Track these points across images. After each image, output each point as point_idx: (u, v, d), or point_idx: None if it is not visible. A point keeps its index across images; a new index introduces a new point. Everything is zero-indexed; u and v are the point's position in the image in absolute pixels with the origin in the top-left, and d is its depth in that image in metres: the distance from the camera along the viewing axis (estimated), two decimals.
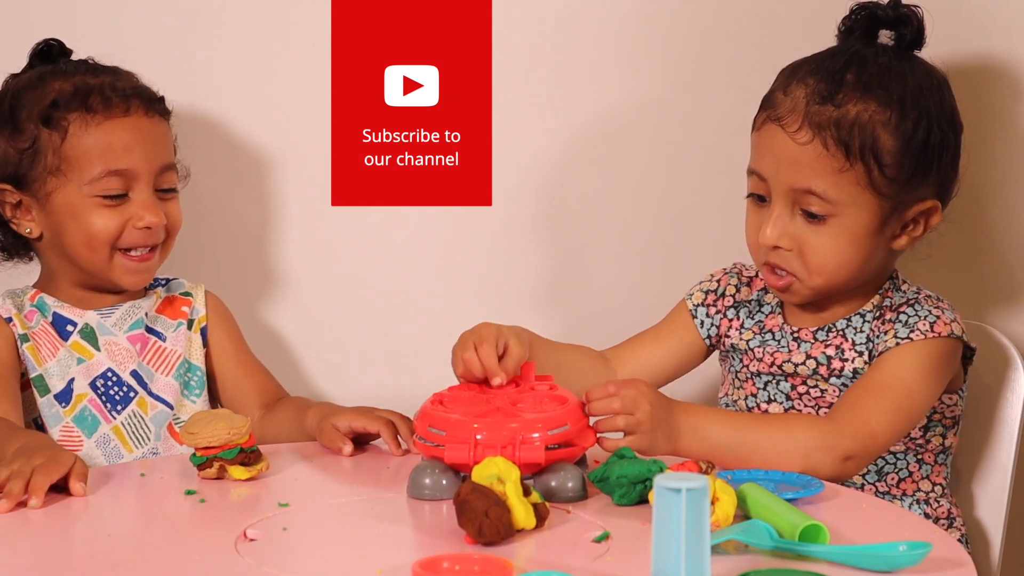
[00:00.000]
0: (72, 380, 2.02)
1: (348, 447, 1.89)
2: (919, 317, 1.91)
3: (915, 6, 1.96)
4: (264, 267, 2.32)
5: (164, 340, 2.08)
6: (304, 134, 2.29)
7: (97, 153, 2.00)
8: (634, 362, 2.05)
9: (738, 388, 2.03)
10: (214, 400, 2.13)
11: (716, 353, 2.10)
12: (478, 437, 1.69)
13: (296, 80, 2.29)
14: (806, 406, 1.97)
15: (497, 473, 1.58)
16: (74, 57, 2.10)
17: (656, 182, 2.32)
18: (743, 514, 1.60)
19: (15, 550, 1.58)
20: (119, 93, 2.02)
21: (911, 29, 1.96)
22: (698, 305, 2.06)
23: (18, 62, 2.10)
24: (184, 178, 2.15)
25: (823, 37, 2.00)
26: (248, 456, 1.78)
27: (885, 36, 1.97)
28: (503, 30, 2.27)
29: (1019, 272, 2.29)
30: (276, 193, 2.31)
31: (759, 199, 1.94)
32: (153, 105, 2.04)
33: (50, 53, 2.09)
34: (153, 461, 1.95)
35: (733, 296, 2.06)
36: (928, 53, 1.98)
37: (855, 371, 1.94)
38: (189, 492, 1.73)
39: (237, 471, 1.77)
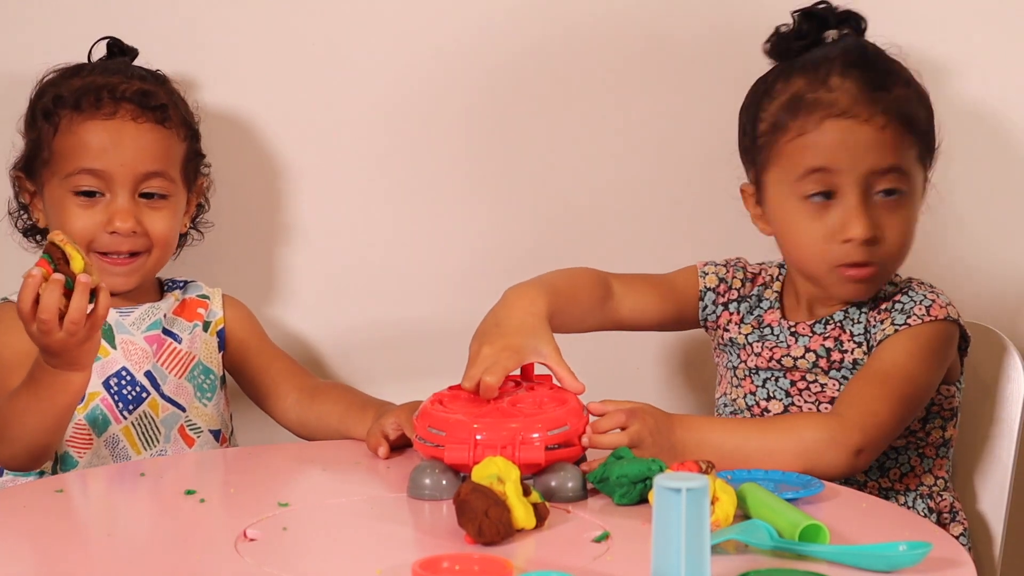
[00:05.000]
0: None
1: (383, 449, 1.88)
2: (914, 302, 1.94)
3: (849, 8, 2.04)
4: (273, 270, 2.32)
5: (180, 342, 2.08)
6: (318, 137, 2.30)
7: (75, 150, 2.03)
8: (636, 305, 2.05)
9: (736, 386, 2.03)
10: (229, 403, 2.14)
11: (711, 351, 2.10)
12: (478, 437, 1.69)
13: (313, 83, 2.30)
14: (806, 402, 1.97)
15: (497, 473, 1.58)
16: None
17: (657, 181, 2.32)
18: (743, 514, 1.60)
19: (15, 550, 1.58)
20: (113, 95, 2.04)
21: (859, 26, 2.02)
22: (709, 289, 2.07)
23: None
24: (207, 188, 2.17)
25: None
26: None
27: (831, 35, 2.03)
28: (505, 33, 2.28)
29: (1018, 270, 2.29)
30: (289, 196, 2.32)
31: (822, 198, 1.94)
32: (146, 112, 2.05)
33: (110, 52, 2.15)
34: (153, 461, 1.94)
35: (739, 290, 2.06)
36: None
37: (855, 362, 1.95)
38: (189, 492, 1.73)
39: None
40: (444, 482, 1.69)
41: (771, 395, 2.00)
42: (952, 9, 2.25)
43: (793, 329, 2.00)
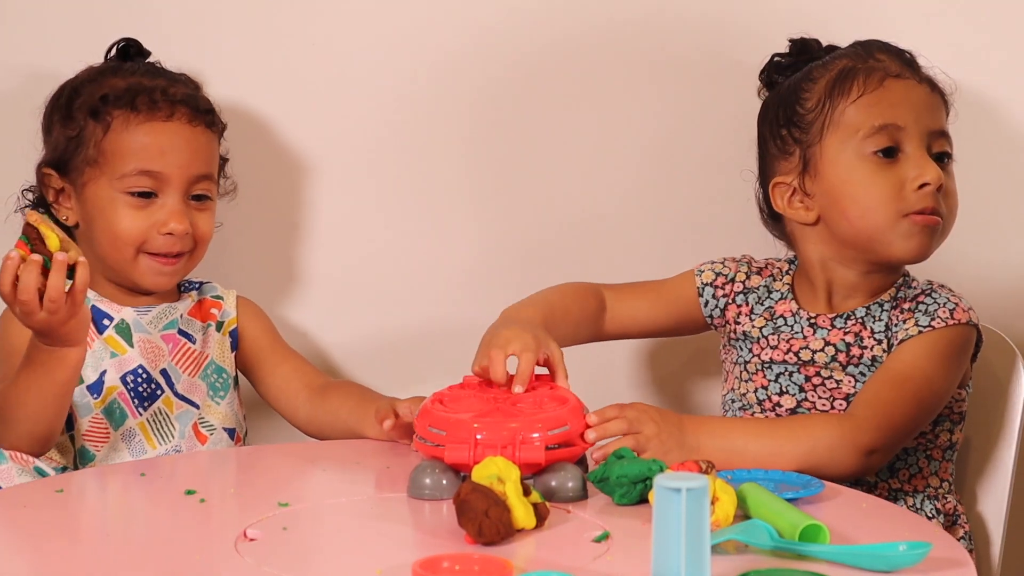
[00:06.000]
0: (104, 372, 2.03)
1: (389, 422, 1.89)
2: (939, 304, 1.94)
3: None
4: (285, 270, 2.33)
5: (194, 342, 2.10)
6: (329, 139, 2.30)
7: (132, 151, 2.04)
8: (628, 313, 2.08)
9: (746, 381, 2.03)
10: (243, 403, 2.14)
11: (703, 353, 2.11)
12: (478, 437, 1.69)
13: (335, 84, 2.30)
14: (820, 398, 1.97)
15: (497, 473, 1.58)
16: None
17: (661, 186, 2.32)
18: (743, 514, 1.60)
19: (16, 549, 1.59)
20: (167, 98, 2.06)
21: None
22: (707, 284, 2.07)
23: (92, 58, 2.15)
24: (231, 191, 2.18)
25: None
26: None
27: None
28: (512, 37, 2.28)
29: (1020, 271, 2.29)
30: (300, 197, 2.32)
31: (886, 155, 1.95)
32: (199, 115, 2.08)
33: (127, 52, 2.16)
34: (154, 461, 1.95)
35: (743, 283, 2.07)
36: None
37: (874, 359, 1.95)
38: (189, 492, 1.73)
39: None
40: (444, 482, 1.69)
41: (784, 390, 1.99)
42: (946, 15, 2.26)
43: (812, 321, 2.00)
